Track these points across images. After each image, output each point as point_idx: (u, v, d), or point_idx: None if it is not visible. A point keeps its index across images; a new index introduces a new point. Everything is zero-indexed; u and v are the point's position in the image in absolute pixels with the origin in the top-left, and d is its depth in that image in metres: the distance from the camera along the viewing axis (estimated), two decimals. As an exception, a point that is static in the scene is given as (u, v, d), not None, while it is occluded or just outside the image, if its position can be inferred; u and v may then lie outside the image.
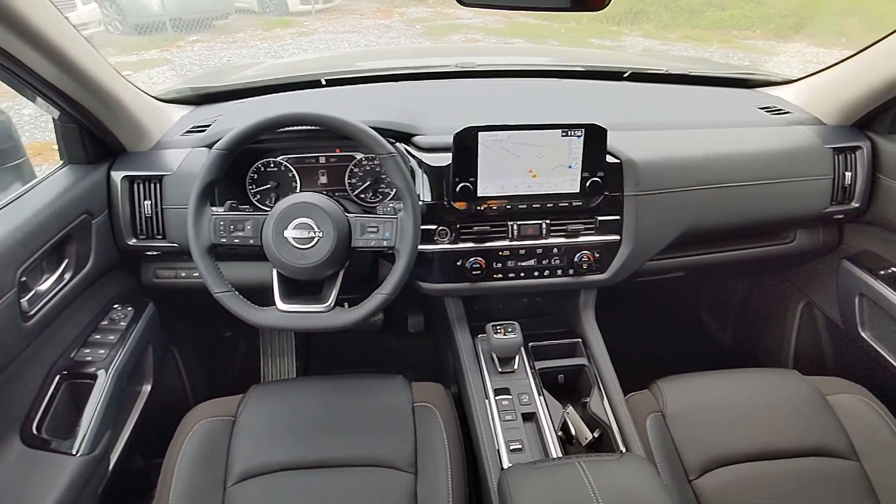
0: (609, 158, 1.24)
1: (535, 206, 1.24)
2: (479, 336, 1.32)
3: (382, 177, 1.34)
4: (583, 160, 1.20)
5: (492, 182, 1.20)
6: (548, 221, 1.25)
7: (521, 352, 1.29)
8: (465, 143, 1.16)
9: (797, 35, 7.54)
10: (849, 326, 1.49)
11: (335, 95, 1.54)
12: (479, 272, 1.24)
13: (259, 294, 1.15)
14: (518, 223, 1.24)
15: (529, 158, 1.19)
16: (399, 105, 1.39)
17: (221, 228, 1.07)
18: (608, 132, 1.19)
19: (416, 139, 1.27)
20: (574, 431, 1.18)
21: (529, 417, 1.18)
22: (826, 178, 1.39)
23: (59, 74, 1.00)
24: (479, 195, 1.20)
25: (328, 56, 4.32)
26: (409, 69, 1.66)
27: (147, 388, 1.33)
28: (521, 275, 1.28)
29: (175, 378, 1.58)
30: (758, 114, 1.49)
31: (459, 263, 1.25)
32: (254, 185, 1.33)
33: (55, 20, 0.93)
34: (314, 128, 1.17)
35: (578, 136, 1.18)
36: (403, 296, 1.15)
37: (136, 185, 1.24)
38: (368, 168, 1.34)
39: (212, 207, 1.09)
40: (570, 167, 1.21)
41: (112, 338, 1.20)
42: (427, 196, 1.22)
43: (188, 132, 1.33)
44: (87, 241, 1.18)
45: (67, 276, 1.13)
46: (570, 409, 1.22)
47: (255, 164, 1.32)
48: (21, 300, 0.98)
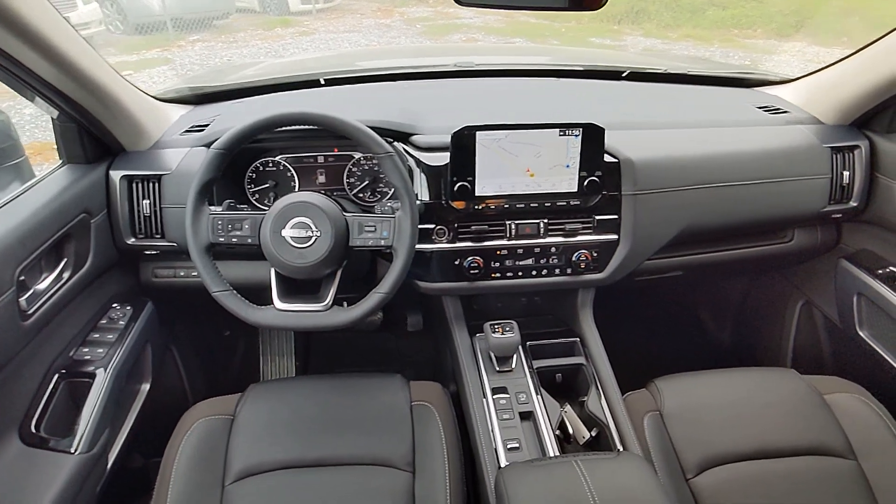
0: (607, 158, 1.24)
1: (533, 206, 1.24)
2: (478, 335, 1.32)
3: (381, 176, 1.34)
4: (580, 159, 1.20)
5: (490, 181, 1.20)
6: (546, 221, 1.25)
7: (519, 351, 1.29)
8: (463, 143, 1.16)
9: (798, 34, 7.53)
10: (847, 326, 1.49)
11: (334, 95, 1.54)
12: (477, 271, 1.24)
13: (257, 293, 1.15)
14: (516, 222, 1.24)
15: (527, 158, 1.19)
16: (397, 105, 1.39)
17: (219, 227, 1.07)
18: (606, 131, 1.19)
19: (415, 139, 1.27)
20: (571, 430, 1.19)
21: (527, 416, 1.18)
22: (824, 178, 1.39)
23: (58, 74, 1.00)
24: (477, 194, 1.20)
25: (327, 56, 4.32)
26: (408, 69, 1.65)
27: (146, 387, 1.33)
28: (519, 274, 1.28)
29: (174, 377, 1.58)
30: (756, 113, 1.49)
31: (457, 263, 1.25)
32: (252, 185, 1.34)
33: (53, 20, 0.93)
34: (312, 127, 1.18)
35: (576, 136, 1.18)
36: (402, 295, 1.15)
37: (135, 185, 1.24)
38: (367, 167, 1.34)
39: (210, 207, 1.09)
40: (568, 166, 1.21)
41: (111, 337, 1.21)
42: (425, 195, 1.22)
43: (187, 132, 1.33)
44: (86, 241, 1.18)
45: (66, 275, 1.13)
46: (568, 408, 1.22)
47: (254, 164, 1.32)
48: (20, 299, 0.99)
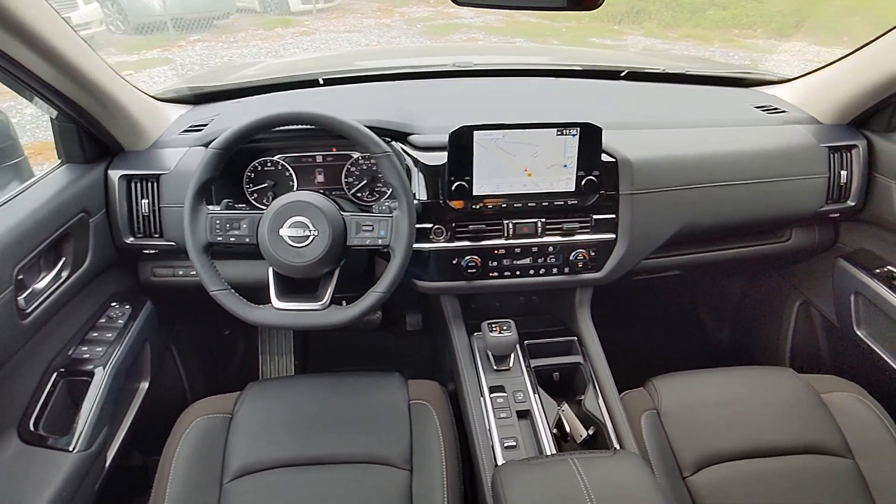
0: (604, 157, 1.24)
1: (531, 205, 1.24)
2: (475, 334, 1.33)
3: (379, 176, 1.34)
4: (578, 159, 1.20)
5: (487, 181, 1.20)
6: (543, 220, 1.26)
7: (517, 350, 1.29)
8: (461, 142, 1.16)
9: (798, 34, 7.52)
10: (844, 325, 1.49)
11: (332, 95, 1.54)
12: (475, 270, 1.25)
13: (256, 292, 1.16)
14: (513, 222, 1.25)
15: (525, 157, 1.19)
16: (396, 104, 1.39)
17: (217, 227, 1.08)
18: (604, 131, 1.19)
19: (412, 138, 1.28)
20: (569, 429, 1.19)
21: (524, 415, 1.18)
22: (822, 177, 1.39)
23: (57, 75, 1.00)
24: (475, 194, 1.21)
25: (326, 56, 4.32)
26: (407, 68, 1.66)
27: (144, 386, 1.33)
28: (517, 273, 1.28)
29: (174, 376, 1.58)
30: (754, 113, 1.49)
31: (455, 262, 1.25)
32: (251, 184, 1.34)
33: (52, 20, 0.93)
34: (310, 127, 1.18)
35: (573, 135, 1.18)
36: (401, 294, 1.15)
37: (134, 184, 1.25)
38: (365, 167, 1.34)
39: (208, 206, 1.09)
40: (566, 166, 1.21)
41: (109, 335, 1.21)
42: (423, 195, 1.22)
43: (185, 131, 1.34)
44: (85, 240, 1.19)
45: (65, 275, 1.14)
46: (565, 407, 1.23)
47: (252, 163, 1.33)
48: (18, 298, 0.99)
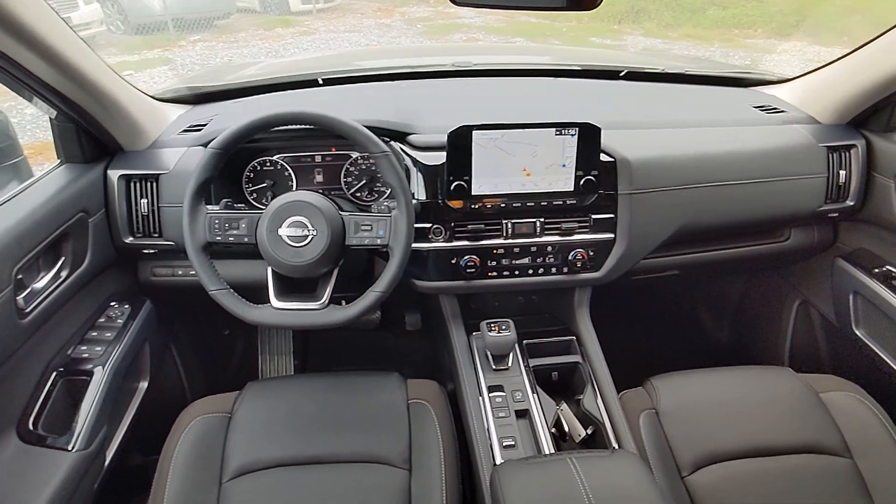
0: (603, 157, 1.24)
1: (530, 205, 1.24)
2: (474, 333, 1.33)
3: (378, 176, 1.35)
4: (577, 159, 1.20)
5: (486, 180, 1.20)
6: (542, 220, 1.26)
7: (516, 349, 1.29)
8: (460, 142, 1.16)
9: (799, 34, 7.52)
10: (843, 324, 1.49)
11: (332, 95, 1.54)
12: (474, 270, 1.25)
13: (255, 292, 1.16)
14: (512, 221, 1.25)
15: (523, 157, 1.19)
16: (395, 104, 1.39)
17: (216, 227, 1.08)
18: (603, 131, 1.19)
19: (411, 138, 1.28)
20: (567, 428, 1.19)
21: (523, 414, 1.19)
22: (820, 177, 1.39)
23: (56, 75, 1.00)
24: (474, 194, 1.21)
25: (326, 55, 4.32)
26: (406, 68, 1.66)
27: (144, 385, 1.33)
28: (516, 273, 1.28)
29: (173, 376, 1.58)
30: (753, 112, 1.49)
31: (454, 262, 1.25)
32: (250, 184, 1.34)
33: (51, 21, 0.93)
34: (309, 127, 1.18)
35: (572, 135, 1.18)
36: (400, 294, 1.15)
37: (133, 184, 1.25)
38: (364, 167, 1.34)
39: (207, 206, 1.09)
40: (564, 166, 1.21)
41: (109, 335, 1.21)
42: (422, 195, 1.22)
43: (185, 131, 1.34)
44: (84, 240, 1.19)
45: (64, 274, 1.14)
46: (564, 406, 1.23)
47: (252, 163, 1.33)
48: (17, 297, 0.99)
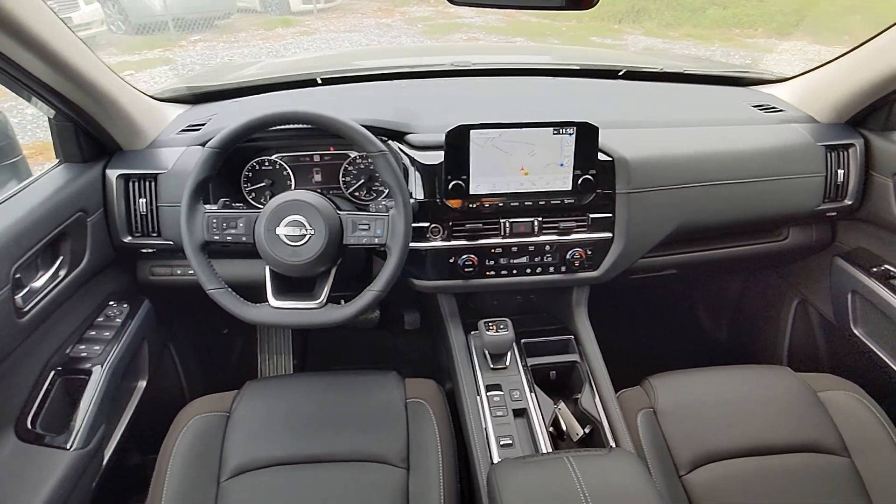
0: (601, 156, 1.24)
1: (528, 204, 1.24)
2: (472, 333, 1.33)
3: (376, 175, 1.35)
4: (574, 158, 1.20)
5: (484, 180, 1.20)
6: (540, 219, 1.26)
7: (514, 348, 1.29)
8: (457, 141, 1.16)
9: (799, 33, 7.51)
10: (842, 323, 1.49)
11: (330, 94, 1.54)
12: (472, 269, 1.25)
13: (253, 291, 1.16)
14: (510, 220, 1.25)
15: (521, 156, 1.20)
16: (393, 104, 1.39)
17: (214, 226, 1.08)
18: (601, 130, 1.19)
19: (409, 137, 1.28)
20: (565, 427, 1.19)
21: (521, 413, 1.19)
22: (819, 176, 1.39)
23: (54, 74, 1.00)
24: (472, 193, 1.21)
25: (325, 55, 4.33)
26: (405, 68, 1.66)
27: (142, 384, 1.34)
28: (514, 272, 1.28)
29: (172, 375, 1.59)
30: (751, 112, 1.49)
31: (452, 261, 1.25)
32: (249, 184, 1.34)
33: (49, 21, 0.93)
34: (307, 126, 1.18)
35: (570, 134, 1.18)
36: (399, 293, 1.15)
37: (132, 184, 1.25)
38: (362, 166, 1.35)
39: (205, 205, 1.09)
40: (562, 165, 1.21)
41: (107, 334, 1.21)
42: (420, 194, 1.23)
43: (183, 131, 1.34)
44: (83, 239, 1.19)
45: (62, 273, 1.14)
46: (562, 406, 1.23)
47: (250, 163, 1.33)
48: (15, 296, 1.00)
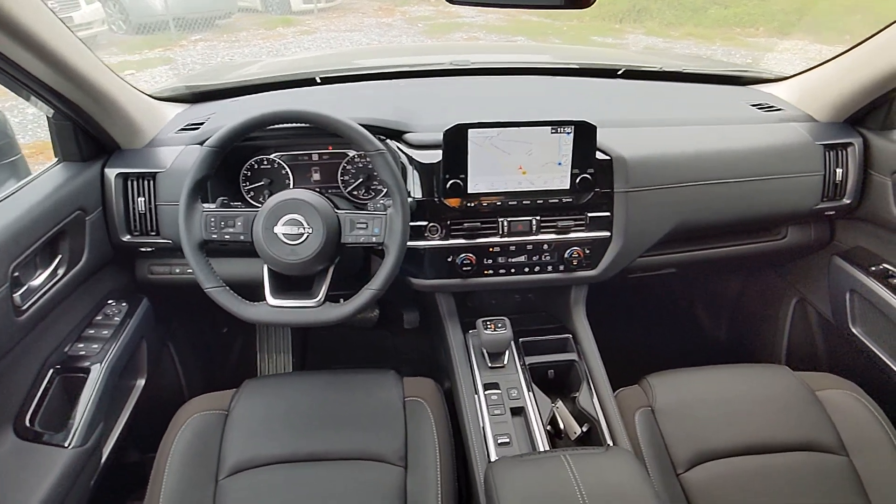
0: (599, 155, 1.24)
1: (526, 203, 1.24)
2: (470, 331, 1.33)
3: (374, 174, 1.35)
4: (573, 157, 1.20)
5: (482, 179, 1.21)
6: (538, 218, 1.26)
7: (511, 347, 1.29)
8: (455, 140, 1.16)
9: (800, 32, 7.50)
10: (840, 322, 1.49)
11: (329, 93, 1.54)
12: (470, 268, 1.25)
13: (251, 289, 1.16)
14: (508, 219, 1.25)
15: (519, 155, 1.20)
16: (392, 103, 1.39)
17: (212, 224, 1.08)
18: (599, 129, 1.19)
19: (408, 136, 1.28)
20: (563, 426, 1.19)
21: (518, 412, 1.19)
22: (817, 175, 1.39)
23: (53, 74, 1.01)
24: (470, 192, 1.21)
25: (325, 54, 4.33)
26: (404, 67, 1.66)
27: (141, 383, 1.34)
28: (512, 271, 1.28)
29: (171, 373, 1.59)
30: (750, 111, 1.49)
31: (450, 260, 1.25)
32: (247, 182, 1.34)
33: (48, 20, 0.94)
34: (306, 125, 1.18)
35: (568, 133, 1.19)
36: (398, 292, 1.15)
37: (130, 182, 1.25)
38: (361, 165, 1.35)
39: (204, 204, 1.10)
40: (560, 164, 1.21)
41: (106, 332, 1.22)
42: (418, 193, 1.23)
43: (182, 130, 1.34)
44: (81, 238, 1.19)
45: (61, 272, 1.14)
46: (560, 404, 1.23)
47: (249, 162, 1.33)
48: (14, 295, 1.00)
